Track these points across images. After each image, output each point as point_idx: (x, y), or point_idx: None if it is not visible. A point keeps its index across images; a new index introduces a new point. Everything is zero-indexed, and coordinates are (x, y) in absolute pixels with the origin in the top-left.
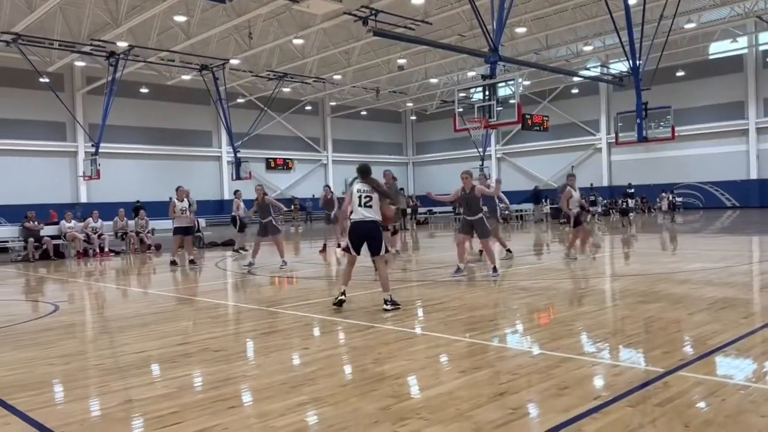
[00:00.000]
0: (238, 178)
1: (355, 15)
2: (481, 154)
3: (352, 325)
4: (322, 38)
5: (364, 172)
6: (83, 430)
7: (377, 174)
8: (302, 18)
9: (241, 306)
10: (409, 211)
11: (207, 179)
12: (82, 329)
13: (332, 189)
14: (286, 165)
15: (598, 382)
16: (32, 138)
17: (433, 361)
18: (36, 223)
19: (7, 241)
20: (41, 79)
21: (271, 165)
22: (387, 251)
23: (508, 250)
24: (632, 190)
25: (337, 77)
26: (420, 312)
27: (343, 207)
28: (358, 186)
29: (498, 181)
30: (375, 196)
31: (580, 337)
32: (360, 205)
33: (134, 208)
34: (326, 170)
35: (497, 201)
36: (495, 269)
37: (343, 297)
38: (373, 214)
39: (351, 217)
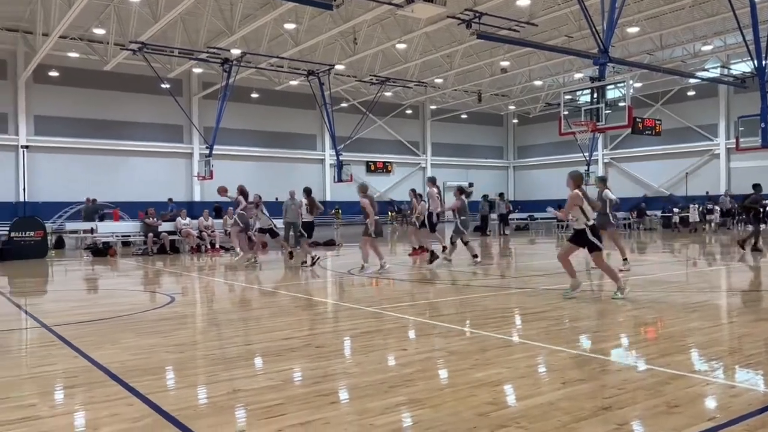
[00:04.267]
0: (340, 180)
1: (458, 18)
2: (587, 158)
3: (450, 330)
4: (425, 42)
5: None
6: (196, 416)
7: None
8: (406, 23)
9: (341, 305)
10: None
11: (310, 181)
12: (195, 321)
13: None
14: (385, 168)
15: (712, 402)
16: (153, 140)
17: (532, 371)
18: (155, 219)
19: (129, 236)
20: (162, 85)
21: (371, 168)
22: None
23: (625, 259)
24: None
25: (438, 81)
26: (519, 320)
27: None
28: None
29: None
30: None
31: (692, 353)
32: None
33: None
34: (425, 173)
35: (610, 206)
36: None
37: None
38: None
39: None
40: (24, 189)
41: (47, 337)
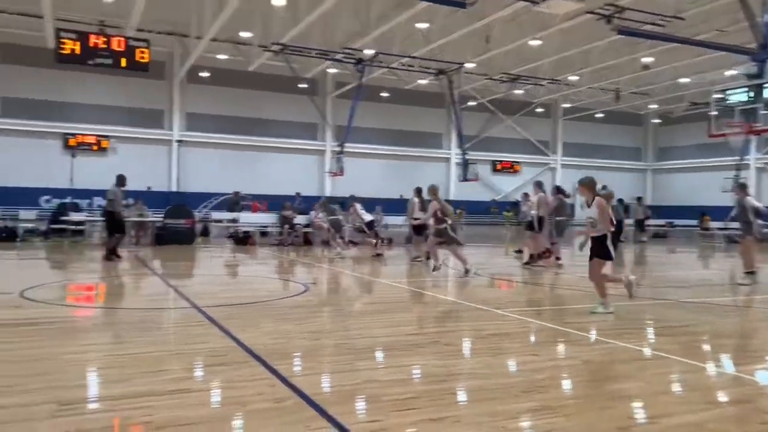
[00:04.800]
0: (465, 179)
1: (597, 14)
2: (738, 162)
3: (582, 338)
4: (560, 39)
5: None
6: (333, 402)
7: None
8: (541, 19)
9: (467, 305)
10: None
11: (435, 180)
12: (327, 310)
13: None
14: (512, 167)
15: None
16: (289, 137)
17: (674, 387)
18: (291, 212)
19: (267, 227)
20: (300, 85)
21: (497, 167)
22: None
23: (750, 272)
24: None
25: (572, 78)
26: (658, 333)
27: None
28: None
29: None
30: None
31: None
32: None
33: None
34: (554, 174)
35: (754, 214)
36: None
37: None
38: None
39: None
40: (176, 180)
41: (198, 317)
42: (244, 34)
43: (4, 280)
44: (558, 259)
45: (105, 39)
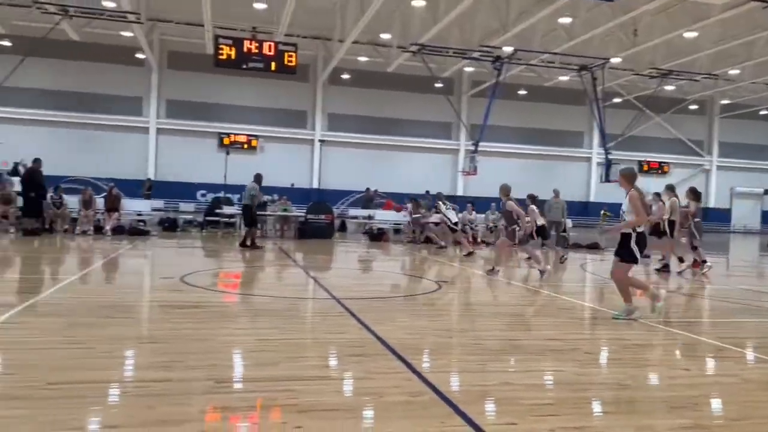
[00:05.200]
0: (608, 180)
1: (764, 1)
2: None
3: (742, 355)
4: (719, 29)
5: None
6: (469, 400)
7: None
8: (696, 10)
9: (607, 311)
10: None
11: (574, 180)
12: (459, 309)
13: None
14: (660, 168)
15: None
16: (424, 136)
17: None
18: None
19: (400, 224)
20: (436, 84)
21: (644, 167)
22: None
23: None
24: None
25: (733, 72)
26: None
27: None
28: None
29: None
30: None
31: None
32: None
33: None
34: (708, 176)
35: None
36: None
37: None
38: None
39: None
40: (318, 178)
41: (337, 308)
42: (384, 36)
43: (167, 266)
44: (704, 262)
45: (257, 44)
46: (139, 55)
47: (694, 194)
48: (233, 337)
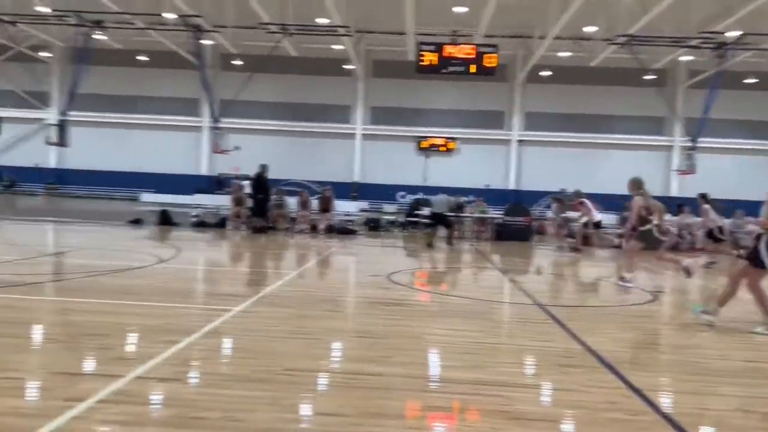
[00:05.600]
0: None
1: None
2: None
3: None
4: None
5: None
6: (700, 424)
7: None
8: None
9: None
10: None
11: None
12: (677, 323)
13: None
14: None
15: None
16: (630, 132)
17: None
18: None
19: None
20: (645, 77)
21: None
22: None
23: None
24: None
25: None
26: None
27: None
28: None
29: None
30: None
31: None
32: None
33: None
34: None
35: None
36: None
37: None
38: None
39: None
40: (515, 178)
41: (541, 314)
42: (588, 29)
43: (374, 264)
44: None
45: (457, 48)
46: (348, 66)
47: None
48: (439, 336)
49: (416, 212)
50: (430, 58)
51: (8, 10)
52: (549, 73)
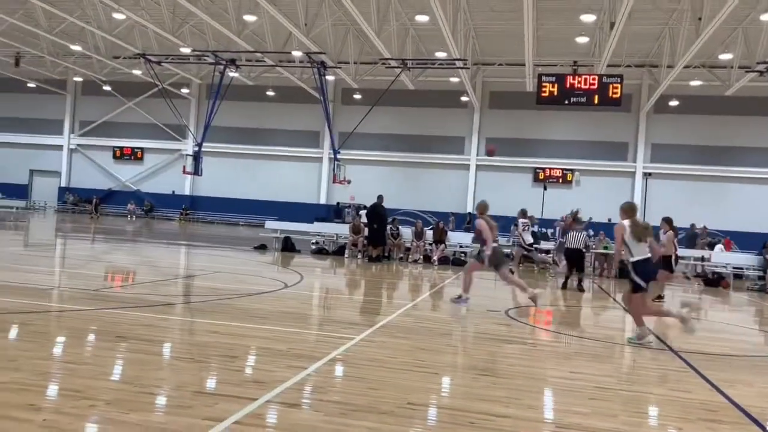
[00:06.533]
0: None
1: None
2: None
3: None
4: None
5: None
6: None
7: None
8: None
9: None
10: None
11: None
12: None
13: None
14: None
15: None
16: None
17: None
18: None
19: (742, 269)
20: None
21: None
22: None
23: None
24: None
25: None
26: None
27: None
28: None
29: None
30: None
31: None
32: None
33: None
34: None
35: None
36: None
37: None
38: None
39: None
40: (642, 212)
41: (675, 361)
42: (724, 57)
43: (490, 298)
44: None
45: (580, 79)
46: (464, 98)
47: None
48: (566, 380)
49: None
50: (551, 89)
51: (156, 52)
52: (677, 102)
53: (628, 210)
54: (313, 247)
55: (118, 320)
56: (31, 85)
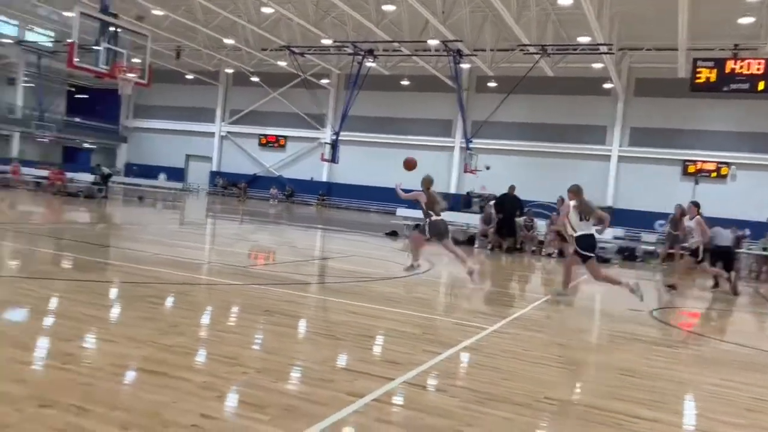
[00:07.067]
0: None
1: None
2: None
3: None
4: None
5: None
6: None
7: None
8: None
9: None
10: None
11: None
12: None
13: None
14: None
15: None
16: None
17: None
18: None
19: None
20: None
21: None
22: None
23: None
24: None
25: None
26: None
27: None
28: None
29: None
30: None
31: None
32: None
33: None
34: None
35: None
36: None
37: None
38: None
39: None
40: None
41: None
42: None
43: (632, 297)
44: None
45: (743, 63)
46: (607, 85)
47: None
48: (718, 387)
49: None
50: (707, 75)
51: (300, 44)
52: None
53: (571, 192)
54: None
55: (264, 296)
56: (189, 76)
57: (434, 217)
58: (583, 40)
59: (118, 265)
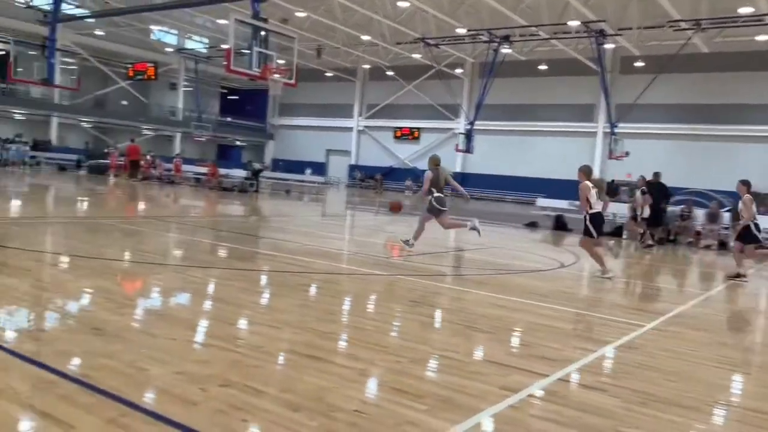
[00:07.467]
0: None
1: None
2: None
3: None
4: None
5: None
6: None
7: None
8: None
9: None
10: None
11: None
12: None
13: None
14: None
15: None
16: None
17: None
18: None
19: None
20: None
21: None
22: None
23: None
24: None
25: None
26: None
27: None
28: None
29: None
30: None
31: None
32: None
33: None
34: None
35: None
36: None
37: None
38: None
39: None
40: None
41: None
42: None
43: None
44: None
45: None
46: None
47: None
48: None
49: None
50: None
51: (434, 35)
52: None
53: (581, 172)
54: None
55: (410, 287)
56: (328, 74)
57: (436, 194)
58: (745, 11)
59: (271, 255)
